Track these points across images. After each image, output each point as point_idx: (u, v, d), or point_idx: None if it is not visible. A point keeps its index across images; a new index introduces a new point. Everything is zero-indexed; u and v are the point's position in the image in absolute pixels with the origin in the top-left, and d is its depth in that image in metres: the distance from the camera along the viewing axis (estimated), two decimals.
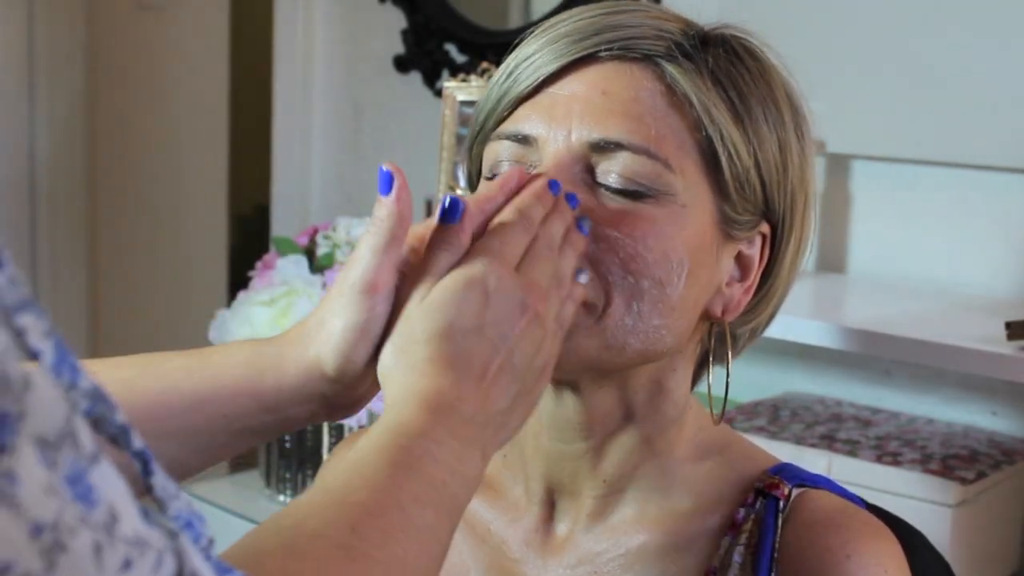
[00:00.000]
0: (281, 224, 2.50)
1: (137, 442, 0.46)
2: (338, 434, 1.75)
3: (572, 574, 0.83)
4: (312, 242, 1.79)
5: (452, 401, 0.64)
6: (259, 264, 1.80)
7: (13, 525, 0.37)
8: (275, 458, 1.83)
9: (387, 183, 0.70)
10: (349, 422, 1.66)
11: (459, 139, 1.90)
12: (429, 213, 2.01)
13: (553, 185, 0.74)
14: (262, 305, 1.69)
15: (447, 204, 0.70)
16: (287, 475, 1.84)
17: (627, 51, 0.78)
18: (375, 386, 0.72)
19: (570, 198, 0.74)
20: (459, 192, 1.88)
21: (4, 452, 0.37)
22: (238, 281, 2.01)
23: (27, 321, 0.39)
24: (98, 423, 0.44)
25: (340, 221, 1.81)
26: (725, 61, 0.79)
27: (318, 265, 1.75)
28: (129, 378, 0.72)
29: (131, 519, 0.41)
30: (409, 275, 0.70)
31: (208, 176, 3.15)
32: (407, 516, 0.58)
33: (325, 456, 1.76)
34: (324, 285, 1.70)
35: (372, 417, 1.70)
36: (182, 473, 0.72)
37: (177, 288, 3.20)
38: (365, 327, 0.70)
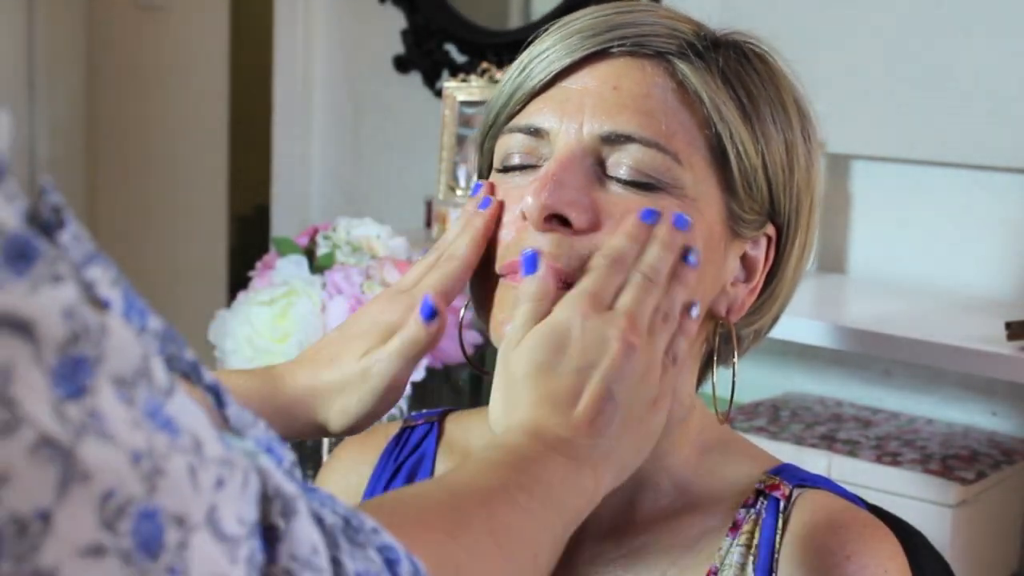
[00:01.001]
0: (281, 224, 2.50)
1: (208, 376, 0.48)
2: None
3: (572, 574, 0.83)
4: (312, 242, 1.79)
5: (551, 427, 0.67)
6: (259, 264, 1.80)
7: (112, 455, 0.39)
8: None
9: (429, 312, 0.79)
10: None
11: (459, 139, 1.90)
12: (429, 213, 2.01)
13: (647, 215, 0.74)
14: (262, 305, 1.69)
15: (528, 258, 0.74)
16: None
17: (639, 47, 0.79)
18: None
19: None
20: (466, 194, 1.88)
21: (87, 393, 0.39)
22: (238, 281, 2.01)
23: (95, 273, 0.42)
24: (170, 360, 0.46)
25: (340, 221, 1.81)
26: (735, 62, 0.80)
27: (318, 265, 1.75)
28: None
29: (213, 443, 0.43)
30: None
31: (208, 176, 3.14)
32: (513, 498, 0.61)
33: (325, 456, 1.77)
34: (324, 285, 1.70)
35: None
36: None
37: (177, 288, 3.19)
38: (376, 412, 0.80)
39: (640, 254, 0.73)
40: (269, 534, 0.44)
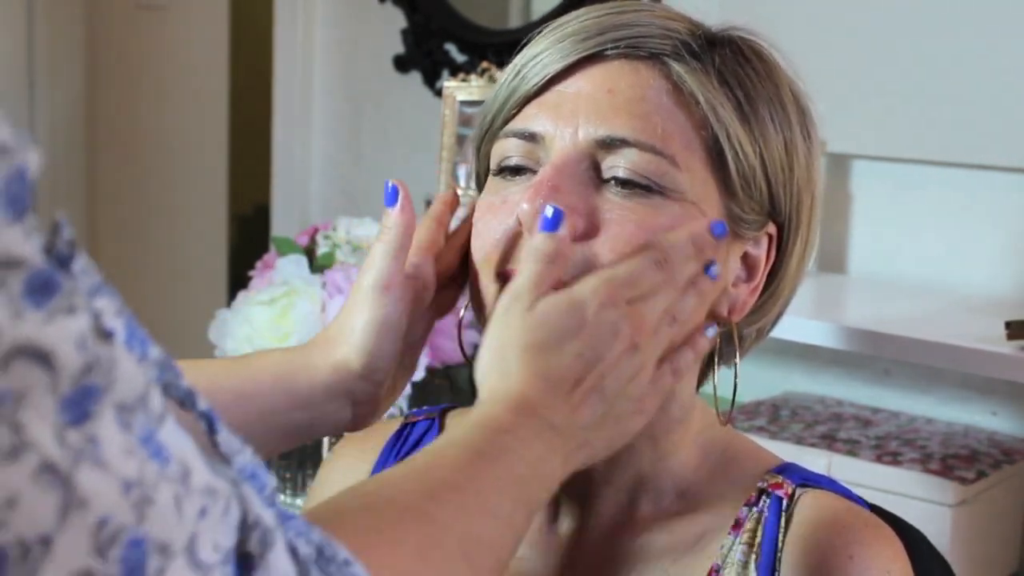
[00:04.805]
0: (281, 224, 2.50)
1: (202, 403, 0.50)
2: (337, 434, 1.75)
3: (575, 574, 0.83)
4: (312, 242, 1.79)
5: (539, 408, 0.67)
6: (259, 264, 1.80)
7: (105, 483, 0.40)
8: (275, 458, 1.83)
9: (393, 197, 0.80)
10: None
11: (459, 139, 1.90)
12: None
13: (716, 227, 0.75)
14: (262, 305, 1.69)
15: (550, 215, 0.72)
16: (287, 475, 1.84)
17: (634, 49, 0.78)
18: (396, 389, 0.82)
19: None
20: (466, 193, 1.88)
21: (89, 419, 0.40)
22: (238, 281, 2.01)
23: (102, 303, 0.43)
24: (167, 388, 0.48)
25: (340, 221, 1.81)
26: (732, 61, 0.79)
27: (318, 265, 1.75)
28: None
29: (200, 471, 0.44)
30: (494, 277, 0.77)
31: (208, 176, 3.15)
32: (484, 499, 0.61)
33: (325, 456, 1.77)
34: (324, 285, 1.70)
35: None
36: None
37: (177, 288, 3.19)
38: (383, 322, 0.78)
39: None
40: (244, 561, 0.46)
